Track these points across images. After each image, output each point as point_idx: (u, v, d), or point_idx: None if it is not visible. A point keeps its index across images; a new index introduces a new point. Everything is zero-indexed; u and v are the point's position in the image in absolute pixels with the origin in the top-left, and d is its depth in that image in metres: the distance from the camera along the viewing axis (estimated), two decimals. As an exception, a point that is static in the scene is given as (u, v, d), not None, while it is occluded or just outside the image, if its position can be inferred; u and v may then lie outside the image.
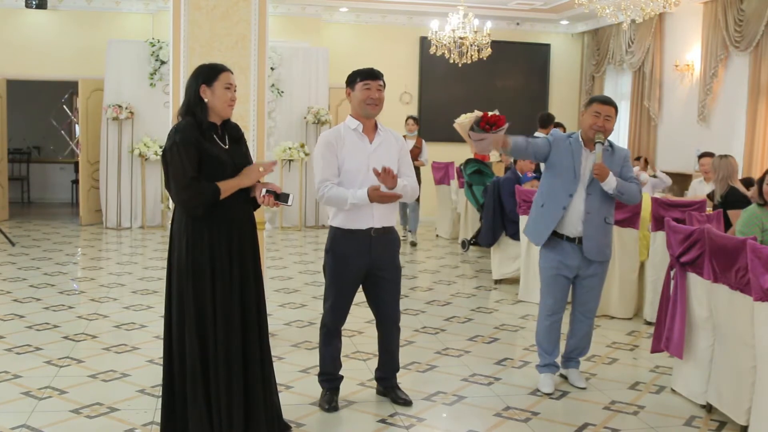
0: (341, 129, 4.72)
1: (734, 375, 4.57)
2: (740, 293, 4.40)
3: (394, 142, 4.80)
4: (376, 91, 4.66)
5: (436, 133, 14.14)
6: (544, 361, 5.38)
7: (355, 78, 4.69)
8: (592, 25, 15.33)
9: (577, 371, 5.48)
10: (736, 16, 11.15)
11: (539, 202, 5.31)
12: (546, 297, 5.34)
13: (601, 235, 5.20)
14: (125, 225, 12.89)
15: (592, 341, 5.49)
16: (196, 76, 4.05)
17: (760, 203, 5.33)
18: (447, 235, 12.58)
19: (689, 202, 7.33)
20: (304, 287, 8.41)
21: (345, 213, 4.64)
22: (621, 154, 5.29)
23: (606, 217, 5.21)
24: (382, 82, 4.72)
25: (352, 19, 15.04)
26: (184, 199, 3.92)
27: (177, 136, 3.92)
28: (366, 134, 4.70)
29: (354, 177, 4.60)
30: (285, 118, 13.03)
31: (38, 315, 6.90)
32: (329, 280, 4.77)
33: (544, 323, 5.36)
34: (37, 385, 5.10)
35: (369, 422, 4.67)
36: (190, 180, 3.88)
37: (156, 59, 12.70)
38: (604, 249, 5.24)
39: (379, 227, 4.67)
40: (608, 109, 5.16)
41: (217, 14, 5.69)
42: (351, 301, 4.84)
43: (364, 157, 4.64)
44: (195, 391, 3.97)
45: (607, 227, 5.25)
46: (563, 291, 5.31)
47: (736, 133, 11.32)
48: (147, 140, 12.64)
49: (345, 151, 4.63)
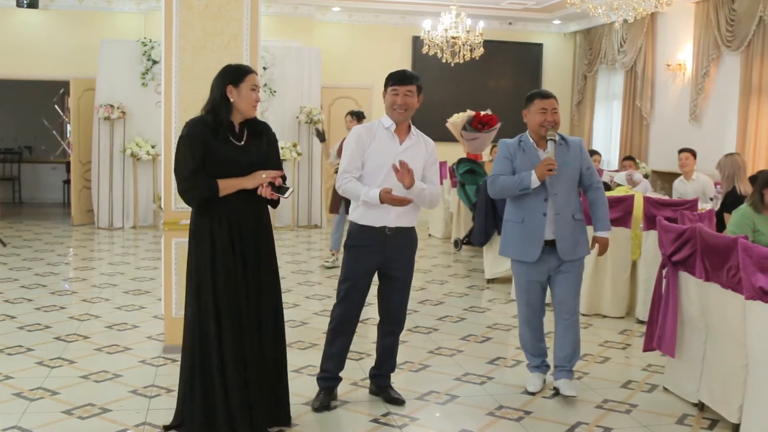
0: (375, 125, 4.76)
1: (726, 373, 4.58)
2: (732, 292, 4.41)
3: (423, 147, 4.80)
4: (403, 96, 4.64)
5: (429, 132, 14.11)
6: (533, 363, 5.35)
7: (387, 82, 4.72)
8: (585, 25, 15.37)
9: (568, 382, 5.17)
10: (728, 15, 11.19)
11: (517, 218, 5.11)
12: (521, 304, 5.28)
13: (574, 234, 5.07)
14: (117, 225, 12.85)
15: (584, 342, 5.49)
16: (224, 76, 4.18)
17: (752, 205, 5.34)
18: (439, 235, 12.58)
19: (681, 202, 7.35)
20: (296, 287, 8.40)
21: (362, 208, 4.68)
22: (576, 144, 5.14)
23: (574, 214, 5.08)
24: (412, 86, 4.67)
25: (345, 18, 15.04)
26: (181, 189, 4.12)
27: (186, 129, 4.11)
28: (398, 135, 4.72)
29: (377, 174, 4.63)
30: (277, 117, 13.01)
31: (30, 316, 6.88)
32: (343, 274, 4.79)
33: (524, 328, 5.30)
34: (28, 386, 5.08)
35: (362, 422, 4.67)
36: (190, 173, 4.05)
37: (148, 59, 12.67)
38: (578, 247, 5.11)
39: (393, 227, 4.68)
40: (552, 102, 5.05)
41: (209, 13, 5.68)
42: (364, 298, 4.83)
43: (392, 156, 4.63)
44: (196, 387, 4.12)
45: (576, 224, 5.09)
46: (538, 296, 5.20)
47: (728, 132, 11.36)
48: (139, 140, 12.61)
49: (373, 147, 4.66)
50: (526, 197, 5.02)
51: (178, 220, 5.71)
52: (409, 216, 4.75)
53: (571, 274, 5.11)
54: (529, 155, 5.05)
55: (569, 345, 5.17)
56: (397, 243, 4.73)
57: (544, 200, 4.99)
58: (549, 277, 5.14)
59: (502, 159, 5.11)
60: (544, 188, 4.97)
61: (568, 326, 5.16)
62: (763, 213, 5.31)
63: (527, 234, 5.06)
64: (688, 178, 9.02)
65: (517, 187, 4.97)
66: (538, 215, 5.00)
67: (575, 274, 5.14)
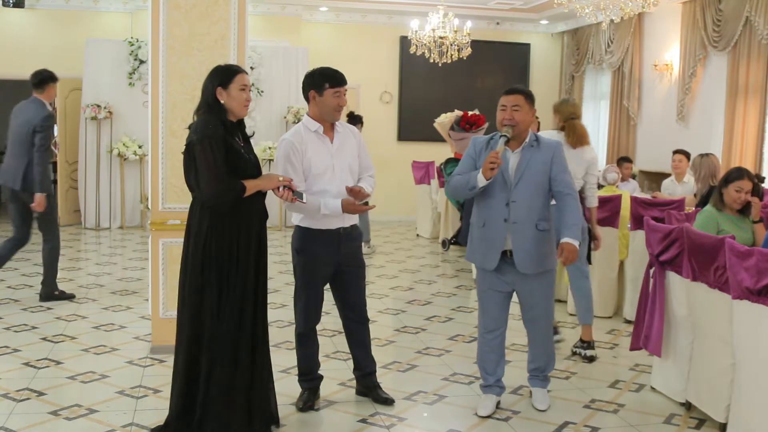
0: (302, 131, 4.66)
1: (713, 373, 4.60)
2: (719, 291, 4.43)
3: (351, 137, 4.81)
4: (344, 97, 4.66)
5: (417, 132, 14.17)
6: (485, 382, 4.93)
7: (323, 84, 4.61)
8: (572, 25, 15.39)
9: (541, 391, 4.97)
10: (715, 16, 11.23)
11: (479, 222, 4.73)
12: (482, 314, 4.90)
13: (537, 246, 4.63)
14: (104, 225, 12.81)
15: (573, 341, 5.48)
16: (212, 79, 4.15)
17: (717, 207, 5.34)
18: (427, 235, 12.58)
19: (668, 201, 7.37)
20: (284, 287, 8.38)
21: None
22: (549, 148, 4.69)
23: (538, 224, 4.63)
24: (347, 86, 4.70)
25: (332, 18, 15.02)
26: (217, 191, 4.00)
27: (207, 130, 4.00)
28: (326, 134, 4.69)
29: (320, 178, 4.62)
30: (265, 117, 12.97)
31: (16, 316, 6.85)
32: (301, 280, 4.76)
33: (482, 340, 4.90)
34: (15, 387, 5.06)
35: (350, 422, 4.67)
36: (223, 174, 3.98)
37: (135, 58, 12.63)
38: (541, 260, 4.66)
39: (347, 226, 4.72)
40: (514, 98, 4.64)
41: (196, 13, 5.67)
42: (322, 300, 4.84)
43: (329, 157, 4.65)
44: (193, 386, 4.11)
45: (540, 235, 4.64)
46: (499, 307, 4.81)
47: (715, 132, 11.39)
48: (126, 140, 12.57)
49: (309, 154, 4.61)
50: (488, 200, 4.66)
51: (165, 220, 5.70)
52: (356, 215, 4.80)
53: (539, 285, 4.74)
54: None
55: (540, 356, 4.93)
56: (349, 240, 4.77)
57: (506, 205, 4.62)
58: (514, 288, 4.78)
59: (466, 157, 4.78)
60: (506, 192, 4.62)
61: (537, 338, 4.90)
62: (724, 212, 5.31)
63: (487, 240, 4.70)
64: (679, 180, 9.05)
65: (465, 186, 4.65)
66: (498, 221, 4.64)
67: (543, 285, 4.77)
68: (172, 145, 5.55)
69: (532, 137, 4.69)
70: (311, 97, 4.66)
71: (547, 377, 5.02)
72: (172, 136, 5.61)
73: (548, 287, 4.82)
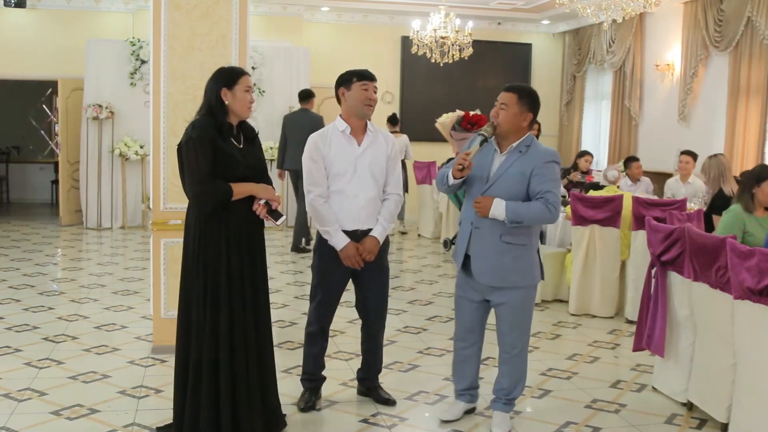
0: (329, 131, 4.70)
1: (714, 373, 4.60)
2: (720, 291, 4.43)
3: (383, 143, 4.76)
4: (373, 91, 4.66)
5: (418, 132, 14.17)
6: (455, 387, 4.80)
7: (351, 78, 4.65)
8: (573, 25, 15.39)
9: (501, 415, 4.59)
10: (716, 16, 11.22)
11: (461, 218, 4.57)
12: (455, 322, 4.76)
13: (495, 256, 4.33)
14: (105, 225, 12.81)
15: (574, 341, 5.46)
16: (217, 80, 4.17)
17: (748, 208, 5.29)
18: (429, 235, 12.58)
19: (670, 201, 7.37)
20: (286, 287, 8.39)
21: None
22: (537, 157, 4.30)
23: (501, 235, 4.30)
24: (376, 83, 4.71)
25: (334, 18, 15.02)
26: (196, 193, 4.06)
27: (194, 131, 4.04)
28: (354, 136, 4.67)
29: (340, 179, 4.62)
30: (266, 117, 12.96)
31: (18, 316, 6.85)
32: (316, 279, 4.77)
33: (454, 348, 4.77)
34: (16, 387, 5.06)
35: (351, 422, 4.67)
36: (205, 176, 4.00)
37: (136, 58, 12.62)
38: (503, 274, 4.34)
39: (365, 229, 4.67)
40: (503, 95, 4.38)
41: (198, 13, 5.66)
42: (338, 301, 4.83)
43: (351, 159, 4.63)
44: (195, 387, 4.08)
45: (504, 248, 4.31)
46: (470, 316, 4.59)
47: (716, 132, 11.39)
48: (127, 140, 12.57)
49: (332, 154, 4.62)
50: (467, 198, 4.48)
51: (166, 220, 5.70)
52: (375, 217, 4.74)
53: (505, 306, 4.44)
54: (487, 151, 4.43)
55: (506, 378, 4.58)
56: None
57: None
58: (487, 299, 4.51)
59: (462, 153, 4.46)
60: (480, 191, 4.36)
61: (505, 360, 4.58)
62: (753, 213, 5.27)
63: (459, 239, 4.53)
64: (684, 181, 9.03)
65: (442, 181, 4.52)
66: (467, 221, 4.45)
67: (512, 307, 4.43)
68: (174, 145, 5.48)
69: (524, 142, 4.36)
70: (341, 94, 4.70)
71: (511, 401, 4.63)
72: (174, 136, 5.60)
73: (520, 307, 4.45)
